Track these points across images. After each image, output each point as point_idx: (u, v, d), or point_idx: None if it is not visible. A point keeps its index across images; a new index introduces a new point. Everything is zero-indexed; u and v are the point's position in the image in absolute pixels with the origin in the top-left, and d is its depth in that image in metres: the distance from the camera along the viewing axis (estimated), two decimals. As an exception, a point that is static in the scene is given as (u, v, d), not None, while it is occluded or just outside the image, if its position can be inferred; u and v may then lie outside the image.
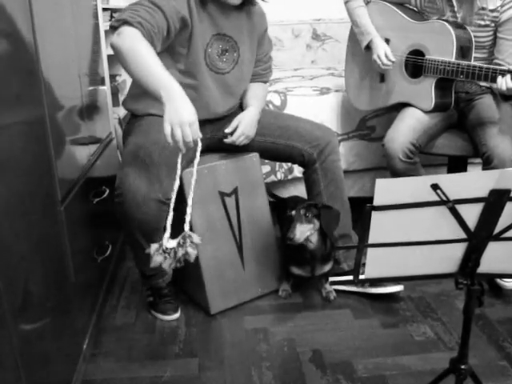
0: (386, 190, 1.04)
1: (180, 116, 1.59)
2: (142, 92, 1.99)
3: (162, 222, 1.82)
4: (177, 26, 1.82)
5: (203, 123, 2.04)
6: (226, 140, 2.03)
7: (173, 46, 1.88)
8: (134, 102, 2.03)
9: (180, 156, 1.66)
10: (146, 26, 1.70)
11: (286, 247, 2.13)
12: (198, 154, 1.68)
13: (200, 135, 1.66)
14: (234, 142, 2.03)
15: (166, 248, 1.63)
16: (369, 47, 2.35)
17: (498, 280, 2.16)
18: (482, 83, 2.31)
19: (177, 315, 2.06)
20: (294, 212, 1.95)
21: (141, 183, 1.76)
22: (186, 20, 1.83)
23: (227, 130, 2.03)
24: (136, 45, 1.68)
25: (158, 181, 1.79)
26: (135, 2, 1.79)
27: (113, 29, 1.73)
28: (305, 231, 1.95)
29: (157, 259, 1.63)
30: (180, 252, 1.63)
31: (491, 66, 2.01)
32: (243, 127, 2.02)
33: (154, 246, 1.64)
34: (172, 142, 1.61)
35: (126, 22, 1.69)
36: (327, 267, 2.11)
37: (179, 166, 1.66)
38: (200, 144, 1.67)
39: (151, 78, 1.65)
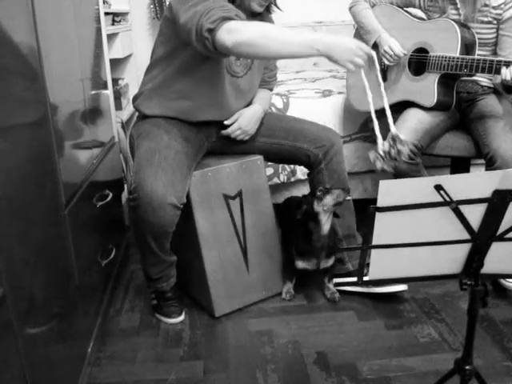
0: (389, 191, 1.05)
1: (347, 47, 1.60)
2: (154, 90, 2.01)
3: (174, 227, 1.84)
4: None
5: (211, 126, 2.07)
6: (222, 131, 2.04)
7: None
8: (146, 100, 2.04)
9: (363, 73, 1.75)
10: (242, 17, 1.69)
11: (292, 241, 2.15)
12: (376, 63, 1.76)
13: (370, 50, 1.68)
14: (229, 134, 2.05)
15: (383, 152, 1.75)
16: (376, 45, 2.35)
17: (502, 281, 2.16)
18: (484, 82, 2.32)
19: (181, 318, 2.06)
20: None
21: (157, 188, 1.76)
22: None
23: (226, 122, 2.05)
24: (263, 30, 1.65)
25: (173, 185, 1.79)
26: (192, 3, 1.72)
27: (209, 31, 1.64)
28: (331, 199, 1.99)
29: (378, 164, 1.75)
30: (393, 152, 1.75)
31: (495, 58, 2.02)
32: (241, 121, 2.05)
33: (372, 154, 1.78)
34: (356, 69, 1.65)
35: (225, 19, 1.64)
36: (330, 261, 2.12)
37: (366, 80, 1.77)
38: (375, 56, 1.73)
39: (298, 46, 1.62)
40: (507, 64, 1.97)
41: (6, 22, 1.22)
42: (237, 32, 1.62)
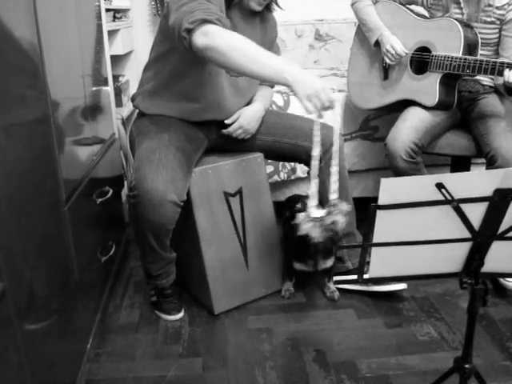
0: (390, 189, 1.05)
1: (311, 87, 1.57)
2: (153, 90, 2.01)
3: (174, 224, 1.84)
4: None
5: (211, 124, 2.07)
6: (223, 130, 2.05)
7: None
8: (145, 100, 2.04)
9: (318, 123, 1.70)
10: (224, 22, 1.68)
11: (289, 243, 2.15)
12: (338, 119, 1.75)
13: (334, 97, 1.65)
14: (230, 133, 2.05)
15: (314, 217, 1.64)
16: (378, 43, 2.35)
17: (502, 280, 2.16)
18: (485, 81, 2.32)
19: (180, 315, 2.07)
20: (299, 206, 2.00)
21: (158, 185, 1.76)
22: None
23: (227, 121, 2.05)
24: (235, 40, 1.63)
25: (174, 183, 1.79)
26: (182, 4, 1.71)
27: (188, 31, 1.64)
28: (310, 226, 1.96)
29: (304, 227, 1.64)
30: (328, 220, 1.64)
31: (498, 60, 2.02)
32: (242, 120, 2.05)
33: (301, 216, 1.65)
34: (313, 112, 1.62)
35: (205, 21, 1.63)
36: (329, 262, 2.11)
37: (319, 133, 1.71)
38: (337, 108, 1.71)
39: (266, 68, 1.61)
40: (510, 66, 1.97)
41: (7, 19, 1.21)
42: (211, 36, 1.62)
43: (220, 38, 1.62)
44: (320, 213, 1.65)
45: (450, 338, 1.89)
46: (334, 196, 1.67)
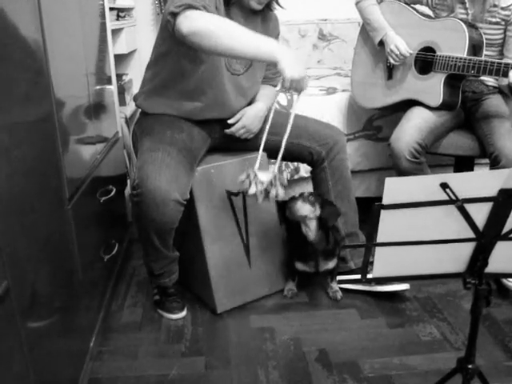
0: (395, 188, 1.04)
1: (299, 73, 1.62)
2: (155, 90, 2.01)
3: (177, 223, 1.84)
4: None
5: (213, 123, 2.06)
6: (226, 130, 2.04)
7: None
8: (147, 100, 2.04)
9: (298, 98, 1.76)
10: (211, 11, 1.68)
11: (290, 243, 2.16)
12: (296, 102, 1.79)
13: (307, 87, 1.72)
14: (233, 133, 2.05)
15: (257, 178, 1.76)
16: (382, 43, 2.35)
17: (505, 281, 2.16)
18: (489, 82, 2.31)
19: (183, 314, 2.07)
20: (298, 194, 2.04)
21: (161, 184, 1.76)
22: None
23: (230, 121, 2.05)
24: (221, 21, 1.64)
25: (177, 182, 1.79)
26: None
27: (173, 15, 1.65)
28: (304, 208, 2.00)
29: (245, 185, 1.77)
30: (273, 191, 1.76)
31: (503, 61, 2.02)
32: (245, 120, 2.05)
33: (243, 175, 1.78)
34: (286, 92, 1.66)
35: (190, 7, 1.63)
36: (331, 263, 2.11)
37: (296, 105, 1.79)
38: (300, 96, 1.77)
39: (254, 47, 1.62)
40: None
41: (12, 18, 1.22)
42: (195, 20, 1.62)
43: (203, 20, 1.62)
44: (264, 178, 1.77)
45: (453, 338, 1.89)
46: (276, 168, 1.81)
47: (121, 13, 3.03)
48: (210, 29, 1.61)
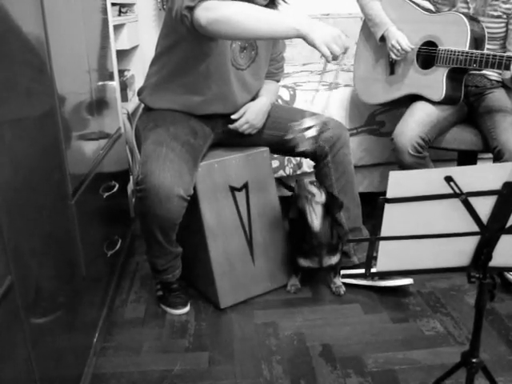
0: (399, 182, 1.04)
1: (329, 32, 1.57)
2: (159, 84, 2.00)
3: (180, 218, 1.84)
4: None
5: (217, 118, 2.07)
6: (229, 125, 2.04)
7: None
8: (151, 94, 2.04)
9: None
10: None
11: (294, 238, 2.15)
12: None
13: (347, 43, 1.64)
14: (236, 128, 2.05)
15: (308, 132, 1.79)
16: (383, 38, 2.34)
17: (508, 275, 2.16)
18: (492, 76, 2.31)
19: (186, 309, 2.07)
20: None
21: (165, 179, 1.76)
22: None
23: (233, 116, 2.05)
24: (237, 6, 1.61)
25: (181, 177, 1.79)
26: None
27: (189, 9, 1.63)
28: (311, 190, 2.00)
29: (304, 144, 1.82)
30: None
31: (505, 54, 2.01)
32: (249, 115, 2.05)
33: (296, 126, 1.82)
34: (332, 57, 1.60)
35: None
36: (335, 259, 2.10)
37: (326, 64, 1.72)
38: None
39: (277, 25, 1.60)
40: None
41: (15, 14, 1.21)
42: (213, 9, 1.60)
43: (222, 8, 1.60)
44: (312, 133, 1.81)
45: (457, 332, 1.89)
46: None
47: (122, 8, 3.03)
48: (232, 15, 1.60)
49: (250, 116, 2.06)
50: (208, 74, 1.92)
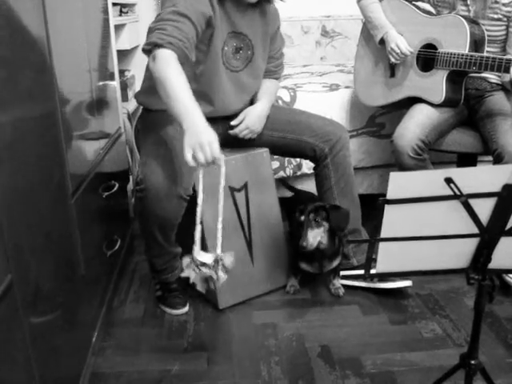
0: (399, 183, 1.04)
1: (199, 138, 1.58)
2: (155, 89, 2.00)
3: (180, 218, 1.84)
4: (203, 27, 1.82)
5: (216, 120, 2.06)
6: (230, 131, 2.04)
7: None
8: (148, 96, 2.04)
9: (201, 172, 1.65)
10: (177, 44, 1.69)
11: (295, 242, 2.13)
12: (222, 179, 1.65)
13: (221, 156, 1.62)
14: (237, 134, 2.05)
15: (198, 262, 1.64)
16: (383, 41, 2.34)
17: (507, 277, 2.16)
18: (492, 79, 2.31)
19: (185, 309, 2.07)
20: (303, 217, 1.97)
21: (164, 179, 1.77)
22: (211, 20, 1.84)
23: (233, 123, 2.05)
24: (167, 73, 1.66)
25: (180, 177, 1.79)
26: (159, 14, 1.77)
27: (145, 52, 1.72)
28: (316, 236, 1.98)
29: (187, 272, 1.66)
30: (212, 274, 1.65)
31: (504, 57, 2.01)
32: (248, 121, 2.05)
33: (185, 260, 1.66)
34: (194, 164, 1.60)
35: (156, 45, 1.68)
36: (335, 262, 2.11)
37: (201, 181, 1.66)
38: (223, 166, 1.64)
39: (177, 105, 1.64)
40: None
41: (16, 14, 1.22)
42: (156, 64, 1.68)
43: (158, 68, 1.68)
44: (204, 258, 1.64)
45: (455, 335, 1.89)
46: (218, 251, 1.65)
47: (123, 8, 3.03)
48: (158, 79, 1.68)
49: (250, 121, 2.05)
50: (201, 81, 1.92)
